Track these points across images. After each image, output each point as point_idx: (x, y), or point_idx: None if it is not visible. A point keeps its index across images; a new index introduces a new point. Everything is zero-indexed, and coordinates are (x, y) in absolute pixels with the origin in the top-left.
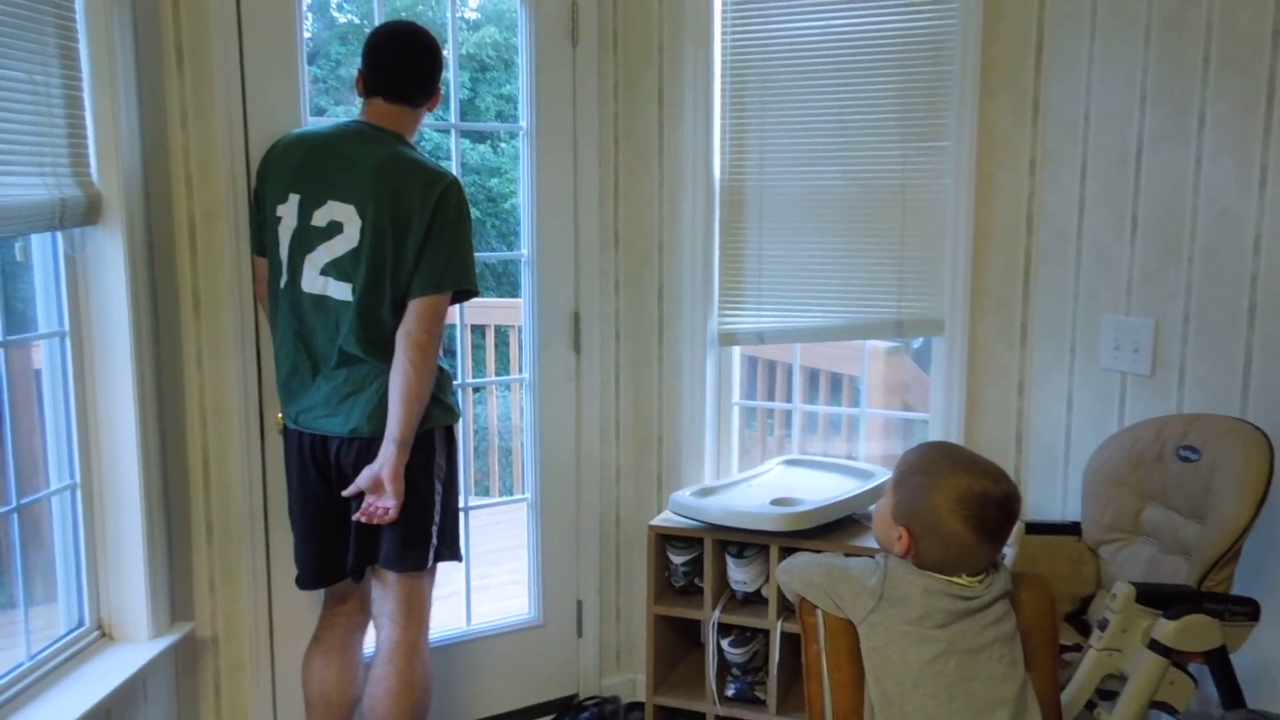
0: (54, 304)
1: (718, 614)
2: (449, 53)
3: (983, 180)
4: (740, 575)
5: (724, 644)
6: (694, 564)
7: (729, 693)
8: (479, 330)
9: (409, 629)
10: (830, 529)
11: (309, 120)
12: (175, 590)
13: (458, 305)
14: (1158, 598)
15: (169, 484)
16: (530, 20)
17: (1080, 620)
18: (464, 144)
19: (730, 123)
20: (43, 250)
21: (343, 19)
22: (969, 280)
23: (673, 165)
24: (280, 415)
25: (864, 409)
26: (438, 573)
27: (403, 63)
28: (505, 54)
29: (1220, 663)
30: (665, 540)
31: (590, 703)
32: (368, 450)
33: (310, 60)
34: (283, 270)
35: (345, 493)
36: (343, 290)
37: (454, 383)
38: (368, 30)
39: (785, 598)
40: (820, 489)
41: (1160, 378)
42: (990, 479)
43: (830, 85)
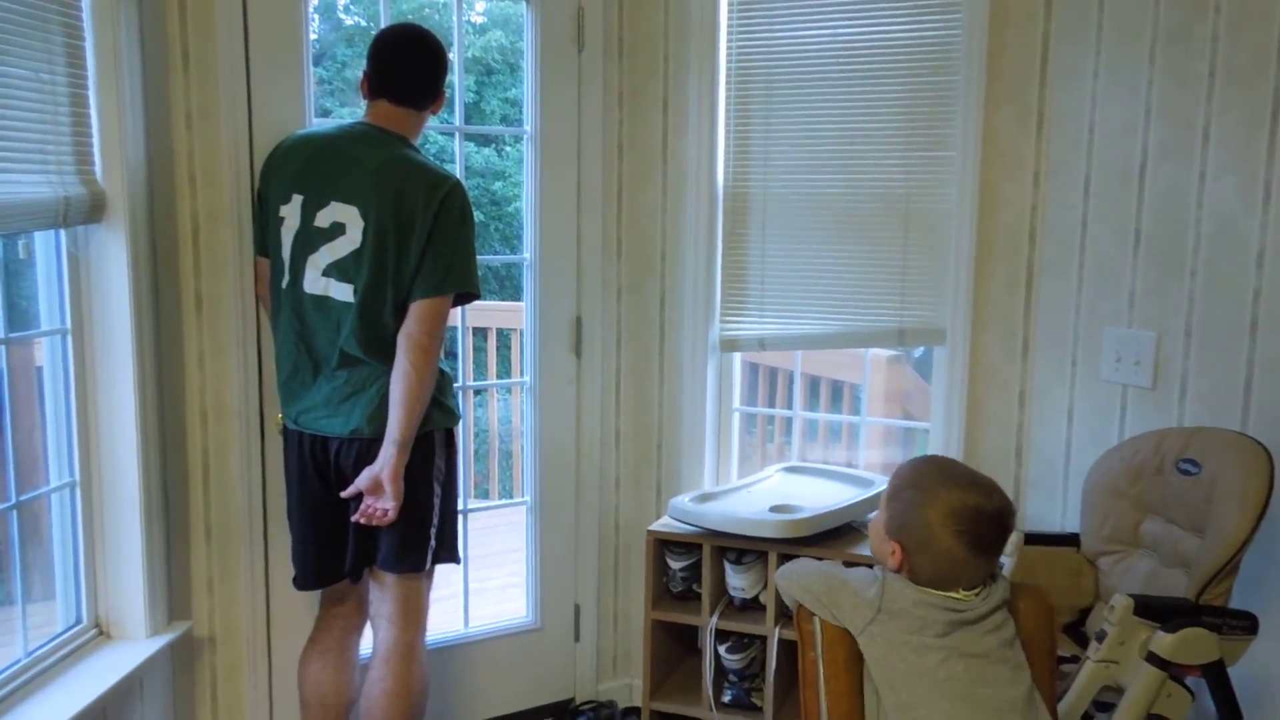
0: (56, 301)
1: (715, 620)
2: (455, 56)
3: (986, 191)
4: (738, 581)
5: (721, 650)
6: (692, 570)
7: (726, 699)
8: (481, 333)
9: (406, 631)
10: (829, 537)
11: (314, 122)
12: (173, 589)
13: (459, 308)
14: (1156, 610)
15: (168, 483)
16: (535, 25)
17: (1078, 632)
18: (469, 147)
19: (734, 131)
20: (46, 248)
21: (350, 21)
22: (971, 290)
23: (677, 172)
24: (280, 415)
25: (865, 417)
26: (436, 575)
27: (408, 65)
28: (511, 58)
29: (1218, 676)
30: (664, 545)
31: (587, 707)
32: (368, 451)
33: (316, 62)
34: (285, 271)
35: (344, 494)
36: (344, 291)
37: (455, 385)
38: (374, 33)
39: (783, 604)
40: (820, 496)
41: (1161, 391)
42: (983, 493)
43: (834, 94)
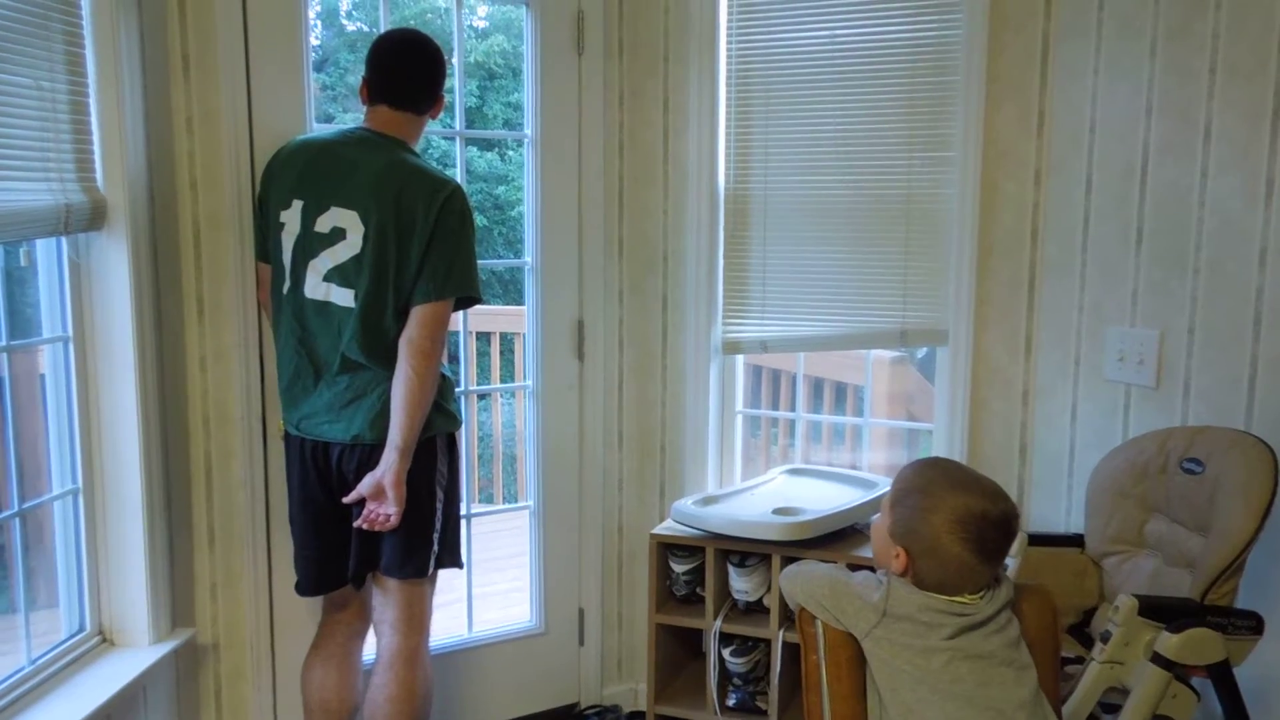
0: (58, 309)
1: (719, 623)
2: (456, 61)
3: (988, 190)
4: (742, 584)
5: (725, 653)
6: (696, 573)
7: (730, 702)
8: (484, 337)
9: (410, 636)
10: (832, 539)
11: (315, 127)
12: (176, 596)
13: (461, 312)
14: (1161, 610)
15: (171, 489)
16: (536, 29)
17: (1083, 632)
18: (471, 151)
19: (735, 132)
20: (47, 255)
21: (352, 27)
22: (973, 290)
23: (678, 174)
24: (282, 421)
25: (868, 419)
26: (439, 580)
27: (407, 70)
28: (513, 62)
29: (1223, 676)
30: (667, 549)
31: (591, 711)
32: (369, 457)
33: (318, 68)
34: (286, 276)
35: (346, 499)
36: (345, 296)
37: (457, 390)
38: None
39: (787, 607)
40: (823, 499)
41: (1165, 390)
42: (988, 498)
43: (835, 94)
